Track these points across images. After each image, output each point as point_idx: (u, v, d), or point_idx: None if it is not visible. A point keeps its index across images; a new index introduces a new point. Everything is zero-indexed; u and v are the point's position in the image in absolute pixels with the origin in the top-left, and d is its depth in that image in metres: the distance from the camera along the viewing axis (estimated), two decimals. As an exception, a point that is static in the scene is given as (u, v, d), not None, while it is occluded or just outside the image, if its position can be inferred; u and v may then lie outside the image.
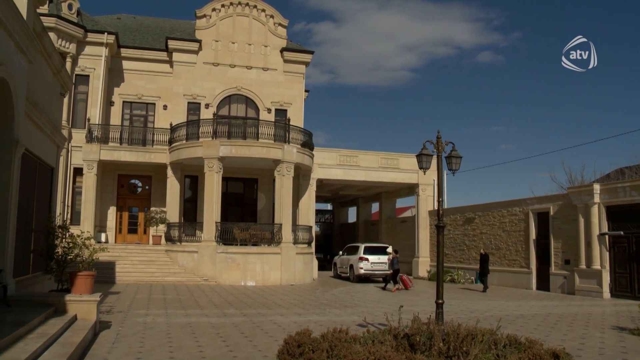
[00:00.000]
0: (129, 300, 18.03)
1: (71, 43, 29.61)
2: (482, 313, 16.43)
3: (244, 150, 26.88)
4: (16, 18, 10.94)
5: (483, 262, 25.27)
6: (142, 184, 32.10)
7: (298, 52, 33.98)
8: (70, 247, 13.22)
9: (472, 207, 31.04)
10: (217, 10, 32.95)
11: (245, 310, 16.42)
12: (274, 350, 9.36)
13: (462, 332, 8.29)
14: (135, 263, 26.37)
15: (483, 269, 25.19)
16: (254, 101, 33.11)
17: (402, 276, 25.40)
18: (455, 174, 12.94)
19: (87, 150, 28.42)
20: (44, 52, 14.84)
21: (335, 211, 52.38)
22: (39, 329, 9.42)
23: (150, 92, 32.49)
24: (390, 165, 33.03)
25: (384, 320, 10.69)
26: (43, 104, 15.35)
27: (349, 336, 8.67)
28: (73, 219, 28.55)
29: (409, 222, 36.98)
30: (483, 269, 25.18)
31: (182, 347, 10.25)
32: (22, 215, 13.34)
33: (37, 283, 15.25)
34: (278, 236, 26.95)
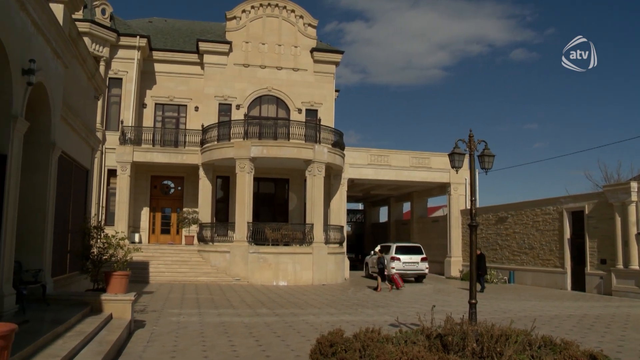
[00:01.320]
0: (163, 299, 18.24)
1: (105, 47, 30.09)
2: (515, 313, 16.23)
3: (275, 150, 26.99)
4: (53, 24, 11.18)
5: (478, 262, 24.77)
6: (175, 184, 32.44)
7: (328, 52, 33.99)
8: (105, 247, 13.45)
9: (505, 206, 30.68)
10: (247, 12, 33.14)
11: (278, 310, 16.48)
12: (307, 350, 9.37)
13: (496, 332, 8.17)
14: (168, 263, 26.67)
15: (479, 268, 24.66)
16: (284, 102, 33.22)
17: (393, 275, 25.25)
18: (488, 172, 12.79)
19: (120, 152, 28.85)
20: (79, 57, 15.11)
21: (367, 211, 52.25)
22: (77, 327, 9.60)
23: (181, 93, 32.83)
24: (421, 165, 32.83)
25: (416, 320, 10.62)
26: (78, 107, 15.62)
27: (382, 336, 8.62)
28: (107, 219, 28.99)
29: (440, 221, 36.71)
30: (479, 269, 24.65)
31: (215, 347, 10.34)
32: (59, 217, 13.60)
33: (73, 282, 15.54)
34: (310, 236, 26.98)
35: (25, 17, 9.75)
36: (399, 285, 24.84)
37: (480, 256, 24.90)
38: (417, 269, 28.79)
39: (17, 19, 9.39)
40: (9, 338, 4.73)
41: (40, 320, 9.42)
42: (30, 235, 11.50)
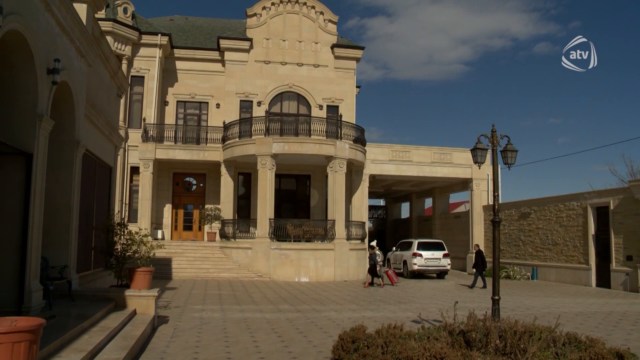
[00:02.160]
0: (185, 295, 18.39)
1: (127, 45, 30.35)
2: (539, 310, 16.08)
3: (296, 147, 27.03)
4: (77, 24, 11.31)
5: (477, 258, 24.63)
6: (197, 181, 32.65)
7: (348, 48, 33.94)
8: (128, 244, 13.59)
9: (528, 201, 30.41)
10: (267, 9, 33.20)
11: (300, 306, 16.53)
12: (329, 346, 9.39)
13: (519, 329, 8.10)
14: (191, 259, 26.87)
15: (477, 264, 24.48)
16: (305, 98, 33.25)
17: (387, 271, 25.08)
18: (511, 168, 12.70)
19: (143, 150, 29.11)
20: (102, 56, 15.27)
21: (388, 207, 52.14)
22: (102, 322, 9.73)
23: (203, 91, 33.01)
24: (443, 160, 32.66)
25: (438, 317, 10.59)
26: (101, 106, 15.79)
27: (404, 332, 8.61)
28: (130, 216, 29.27)
29: (462, 217, 36.52)
30: (477, 265, 24.47)
31: (238, 342, 10.41)
32: (83, 214, 13.78)
33: (98, 279, 15.73)
34: (331, 232, 27.00)
35: (50, 17, 9.88)
36: (393, 281, 24.74)
37: (478, 252, 24.72)
38: (439, 265, 28.66)
39: (43, 19, 9.52)
40: (38, 332, 4.82)
41: (67, 316, 9.57)
42: (56, 232, 11.68)
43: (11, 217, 9.29)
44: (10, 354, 4.45)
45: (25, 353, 4.55)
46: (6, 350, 4.44)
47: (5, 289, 9.16)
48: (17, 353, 4.49)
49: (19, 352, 4.51)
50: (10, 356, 4.45)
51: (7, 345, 4.45)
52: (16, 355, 4.49)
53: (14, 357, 4.47)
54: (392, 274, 25.01)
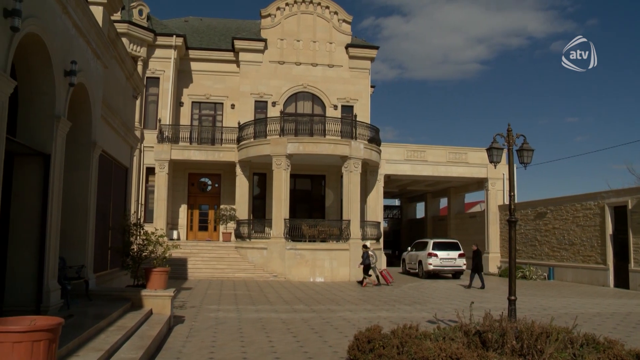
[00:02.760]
0: (201, 295, 18.46)
1: (142, 47, 30.54)
2: (555, 310, 15.96)
3: (311, 147, 27.05)
4: (93, 26, 11.41)
5: (475, 258, 24.48)
6: (212, 182, 32.78)
7: (363, 48, 33.90)
8: (144, 244, 13.66)
9: (544, 201, 30.19)
10: (281, 9, 33.25)
11: (315, 306, 16.54)
12: (344, 346, 9.39)
13: (536, 329, 8.03)
14: (206, 259, 26.97)
15: (475, 265, 24.28)
16: (320, 98, 33.26)
17: (382, 271, 25.00)
18: (527, 167, 12.61)
19: (158, 150, 29.28)
20: (117, 57, 15.38)
21: (403, 207, 52.02)
22: (118, 322, 9.80)
23: (218, 91, 33.13)
24: (458, 160, 32.53)
25: (454, 317, 10.54)
26: (117, 107, 15.90)
27: (419, 332, 8.59)
28: (146, 217, 29.45)
29: (478, 217, 36.34)
30: (475, 265, 24.30)
31: (254, 342, 10.43)
32: (100, 214, 13.89)
33: (114, 278, 15.85)
34: (346, 232, 26.99)
35: (67, 19, 9.97)
36: (388, 281, 24.67)
37: (476, 252, 24.55)
38: (454, 265, 28.54)
39: (60, 22, 9.61)
40: (57, 331, 4.87)
41: (84, 315, 9.65)
42: (73, 232, 11.78)
43: (30, 217, 9.40)
44: (30, 353, 4.51)
45: (44, 352, 4.61)
46: (26, 348, 4.50)
47: (24, 289, 9.26)
48: (36, 352, 4.54)
49: (39, 351, 4.56)
50: (30, 355, 4.51)
51: (27, 344, 4.50)
52: (36, 354, 4.54)
53: (33, 356, 4.53)
54: (386, 274, 24.96)
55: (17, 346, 4.48)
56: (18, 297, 9.17)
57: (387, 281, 24.69)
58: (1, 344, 4.49)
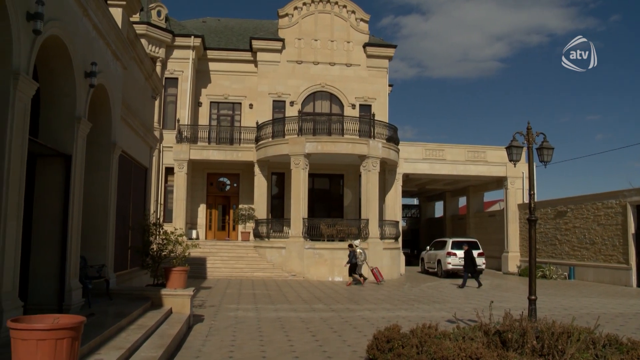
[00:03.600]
0: (220, 295, 18.55)
1: (160, 48, 30.76)
2: (576, 310, 15.82)
3: (329, 146, 27.06)
4: (113, 28, 11.52)
5: (466, 258, 24.20)
6: (230, 181, 32.90)
7: (381, 47, 33.83)
8: (164, 243, 13.75)
9: (564, 200, 29.90)
10: (299, 9, 33.29)
11: (334, 305, 16.55)
12: (363, 346, 9.39)
13: (557, 329, 7.95)
14: (225, 259, 27.08)
15: (466, 264, 24.00)
16: (338, 97, 33.25)
17: (372, 270, 24.88)
18: (547, 165, 12.50)
19: (177, 150, 29.47)
20: (136, 58, 15.50)
21: (422, 206, 51.81)
22: (139, 320, 9.89)
23: (236, 91, 33.25)
24: (477, 159, 32.35)
25: (473, 317, 10.52)
26: (137, 107, 16.03)
27: (439, 332, 8.56)
28: (166, 216, 29.65)
29: (497, 216, 36.11)
30: (466, 265, 24.02)
31: (273, 342, 10.46)
32: (120, 214, 14.01)
33: (134, 278, 15.98)
34: (365, 232, 26.96)
35: (87, 22, 10.08)
36: (377, 279, 24.61)
37: (467, 252, 24.34)
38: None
39: (80, 24, 9.72)
40: (79, 330, 4.93)
41: (105, 314, 9.75)
42: (94, 232, 11.90)
43: (52, 217, 9.52)
44: (53, 350, 4.58)
45: (67, 349, 4.67)
46: (50, 346, 4.57)
47: (46, 288, 9.39)
48: (60, 349, 4.61)
49: (62, 349, 4.63)
50: (53, 352, 4.58)
51: (51, 342, 4.58)
52: (59, 352, 4.61)
53: (57, 353, 4.60)
54: (377, 272, 24.84)
55: (41, 344, 4.56)
56: (41, 295, 9.30)
57: (377, 279, 24.66)
58: (26, 342, 4.57)
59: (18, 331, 4.64)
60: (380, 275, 24.89)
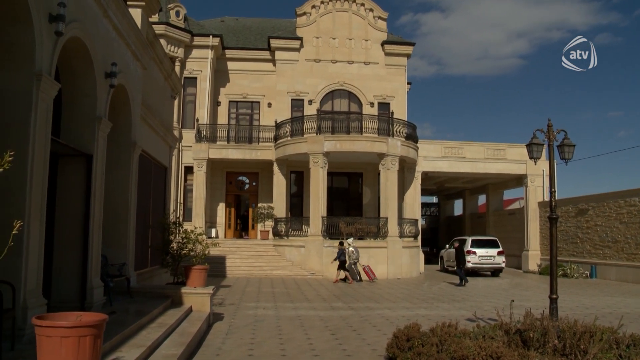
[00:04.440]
0: (240, 293, 18.62)
1: (179, 48, 30.94)
2: (599, 310, 15.65)
3: (348, 144, 27.03)
4: (132, 28, 11.61)
5: (457, 254, 24.15)
6: (249, 180, 33.02)
7: (399, 45, 33.74)
8: (184, 242, 13.85)
9: (585, 197, 29.58)
10: (316, 7, 33.30)
11: (353, 303, 16.54)
12: (383, 344, 9.38)
13: (579, 329, 7.85)
14: (244, 257, 27.19)
15: (457, 261, 23.97)
16: (356, 95, 33.22)
17: (365, 268, 24.82)
18: (568, 163, 12.36)
19: (196, 150, 29.63)
20: (156, 59, 15.60)
21: (441, 204, 51.60)
22: (159, 319, 9.96)
23: (254, 90, 33.35)
24: (496, 156, 32.12)
25: (494, 315, 10.43)
26: (156, 107, 16.14)
27: (459, 331, 8.52)
28: (185, 215, 29.81)
29: (517, 214, 35.83)
30: (458, 262, 23.96)
31: (292, 340, 10.49)
32: (140, 213, 14.12)
33: (154, 276, 16.10)
34: (384, 230, 26.90)
35: (108, 23, 10.18)
36: (370, 277, 24.59)
37: (458, 248, 24.17)
38: (493, 263, 28.22)
39: (101, 25, 9.82)
40: (102, 327, 5.00)
41: (126, 312, 9.84)
42: (115, 231, 12.00)
43: (73, 216, 9.63)
44: (77, 347, 4.64)
45: (90, 347, 4.73)
46: (73, 343, 4.63)
47: (69, 286, 9.51)
48: (83, 347, 4.67)
49: (85, 346, 4.69)
50: (77, 349, 4.64)
51: (74, 339, 4.64)
52: (82, 349, 4.67)
53: (80, 351, 4.66)
54: (369, 270, 24.79)
55: (65, 341, 4.62)
56: (64, 294, 9.42)
57: (369, 277, 24.63)
58: (50, 339, 4.64)
59: (43, 328, 4.71)
60: (373, 274, 24.86)
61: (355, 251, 24.49)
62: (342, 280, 23.93)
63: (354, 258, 24.41)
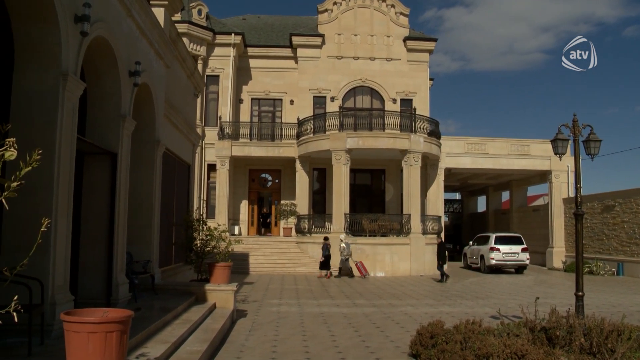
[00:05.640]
0: (263, 290, 18.71)
1: (202, 46, 31.12)
2: (626, 308, 15.43)
3: (370, 141, 26.98)
4: (155, 27, 11.71)
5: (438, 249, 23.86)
6: (272, 177, 33.12)
7: (421, 41, 33.56)
8: (207, 239, 13.93)
9: (612, 193, 29.16)
10: (338, 4, 33.25)
11: (376, 300, 16.53)
12: (406, 341, 9.37)
13: (607, 327, 7.74)
14: (267, 254, 27.30)
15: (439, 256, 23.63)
16: (378, 92, 33.14)
17: (356, 263, 24.82)
18: (594, 158, 12.20)
19: (219, 147, 29.79)
20: (178, 57, 15.71)
21: (464, 200, 51.27)
22: (183, 315, 10.05)
23: (276, 88, 33.44)
24: (520, 152, 31.82)
25: (518, 313, 10.37)
26: (179, 105, 16.26)
27: (483, 328, 8.48)
28: (208, 212, 29.98)
29: (541, 210, 35.47)
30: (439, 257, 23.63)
31: (316, 336, 10.51)
32: (164, 210, 14.24)
33: (178, 273, 16.22)
34: (407, 227, 26.81)
35: (131, 22, 10.28)
36: (362, 273, 24.63)
37: (440, 244, 23.90)
38: (517, 260, 27.97)
39: (125, 25, 9.92)
40: (128, 323, 5.06)
41: (150, 308, 9.94)
42: (139, 228, 12.12)
43: (99, 214, 9.75)
44: (104, 343, 4.71)
45: (116, 342, 4.80)
46: (100, 339, 4.71)
47: (94, 282, 9.63)
48: (109, 342, 4.74)
49: (112, 342, 4.76)
50: (104, 345, 4.71)
51: (101, 335, 4.72)
52: (109, 344, 4.74)
53: (107, 346, 4.73)
54: (360, 266, 24.83)
55: (92, 336, 4.70)
56: (90, 290, 9.54)
57: (361, 273, 24.67)
58: (78, 334, 4.72)
59: (71, 324, 4.79)
60: (365, 270, 24.90)
61: (346, 247, 24.59)
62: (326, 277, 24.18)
63: (345, 254, 24.51)
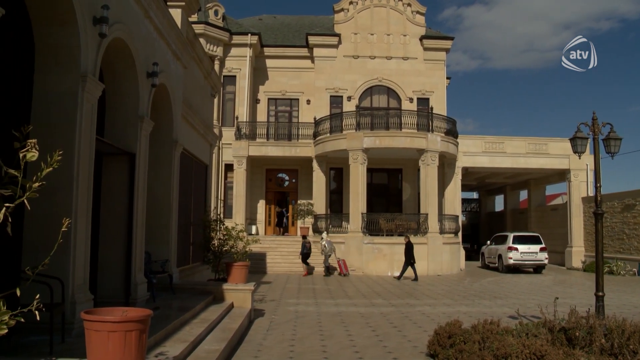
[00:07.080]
0: (280, 289, 18.75)
1: (218, 46, 31.25)
2: (647, 307, 15.28)
3: (387, 140, 26.93)
4: (173, 28, 11.79)
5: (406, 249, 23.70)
6: (289, 177, 33.16)
7: (437, 39, 33.43)
8: (225, 239, 13.98)
9: (632, 192, 28.82)
10: (354, 3, 33.23)
11: (393, 300, 16.49)
12: (424, 341, 9.35)
13: (628, 328, 7.65)
14: (285, 254, 27.35)
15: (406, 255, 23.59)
16: (395, 91, 33.06)
17: (338, 261, 24.90)
18: (615, 157, 12.07)
19: (236, 147, 29.90)
20: (196, 58, 15.79)
21: (482, 200, 50.96)
22: (201, 314, 10.11)
23: (293, 87, 33.48)
24: (538, 151, 31.56)
25: (537, 313, 10.29)
26: (196, 106, 16.35)
27: (501, 328, 8.43)
28: (225, 212, 30.10)
29: (560, 209, 35.17)
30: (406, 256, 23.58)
31: (333, 336, 10.52)
32: (182, 210, 14.33)
33: (196, 273, 16.31)
34: (424, 226, 26.73)
35: (149, 23, 10.35)
36: (342, 271, 24.78)
37: (408, 244, 23.79)
38: (535, 260, 27.76)
39: (142, 26, 9.99)
40: (147, 322, 5.11)
41: (169, 308, 10.01)
42: (157, 228, 12.20)
43: (118, 214, 9.83)
44: (123, 342, 4.77)
45: (136, 341, 4.85)
46: (120, 338, 4.76)
47: (113, 282, 9.71)
48: (129, 341, 4.79)
49: (131, 340, 4.81)
50: (123, 343, 4.76)
51: (121, 334, 4.77)
52: (128, 343, 4.79)
53: (126, 345, 4.78)
54: (342, 265, 24.93)
55: (112, 335, 4.76)
56: (109, 289, 9.62)
57: (341, 271, 24.76)
58: (98, 333, 4.78)
59: (91, 322, 4.85)
60: (346, 268, 24.95)
61: (328, 244, 24.70)
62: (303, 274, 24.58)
63: (327, 251, 24.63)
